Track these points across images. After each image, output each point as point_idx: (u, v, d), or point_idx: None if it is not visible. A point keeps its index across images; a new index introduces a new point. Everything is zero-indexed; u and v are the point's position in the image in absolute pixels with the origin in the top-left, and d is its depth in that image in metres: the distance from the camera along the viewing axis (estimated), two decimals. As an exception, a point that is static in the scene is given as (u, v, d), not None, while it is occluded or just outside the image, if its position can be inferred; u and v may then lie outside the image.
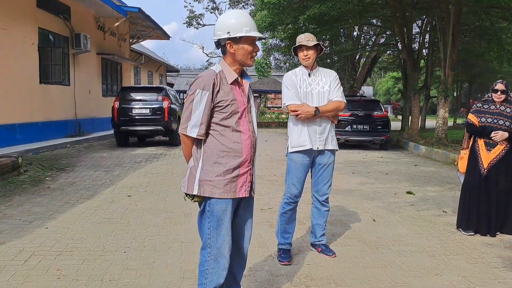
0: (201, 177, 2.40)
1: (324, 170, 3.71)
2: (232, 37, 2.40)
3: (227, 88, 2.42)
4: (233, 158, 2.42)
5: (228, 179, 2.41)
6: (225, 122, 2.41)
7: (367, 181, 7.36)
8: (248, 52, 2.44)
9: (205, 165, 2.41)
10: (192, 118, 2.37)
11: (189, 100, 2.40)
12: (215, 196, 2.39)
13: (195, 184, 2.40)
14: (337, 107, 3.63)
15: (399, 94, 37.58)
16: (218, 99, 2.38)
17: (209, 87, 2.35)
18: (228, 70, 2.46)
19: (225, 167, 2.40)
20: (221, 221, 2.41)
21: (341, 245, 4.06)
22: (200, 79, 2.40)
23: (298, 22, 15.20)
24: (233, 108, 2.41)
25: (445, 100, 13.04)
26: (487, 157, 4.33)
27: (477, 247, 4.02)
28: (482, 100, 4.58)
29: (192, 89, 2.40)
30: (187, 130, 2.39)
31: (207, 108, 2.36)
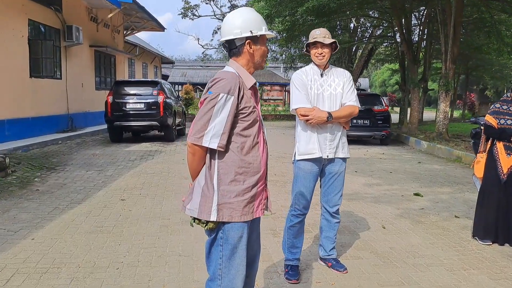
0: (220, 199, 2.07)
1: (335, 179, 3.40)
2: (253, 36, 2.11)
3: (248, 94, 2.12)
4: (252, 174, 2.12)
5: (248, 199, 2.11)
6: (246, 132, 2.10)
7: (372, 181, 7.07)
8: (265, 53, 2.18)
9: (222, 184, 2.08)
10: (211, 126, 2.01)
11: (208, 105, 2.03)
12: (235, 220, 2.08)
13: (213, 209, 2.07)
14: (351, 113, 3.31)
15: (395, 85, 37.38)
16: (242, 105, 2.07)
17: (234, 91, 2.03)
18: (246, 73, 2.16)
19: (243, 185, 2.09)
20: (235, 249, 2.11)
21: (352, 258, 3.77)
22: (224, 81, 2.05)
23: (296, 14, 14.84)
24: (254, 116, 2.12)
25: (446, 94, 12.78)
26: (507, 161, 4.04)
27: (497, 259, 3.75)
28: (500, 100, 4.28)
29: (214, 93, 2.03)
30: (204, 140, 2.02)
31: (231, 115, 2.04)
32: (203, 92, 2.11)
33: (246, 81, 2.12)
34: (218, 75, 2.10)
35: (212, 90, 2.04)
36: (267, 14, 14.72)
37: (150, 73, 27.52)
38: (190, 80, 34.38)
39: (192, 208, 2.13)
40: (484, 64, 24.22)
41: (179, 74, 39.16)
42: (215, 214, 2.06)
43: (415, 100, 15.91)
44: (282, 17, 15.70)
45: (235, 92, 2.02)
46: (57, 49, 13.02)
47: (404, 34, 15.64)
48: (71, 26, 13.17)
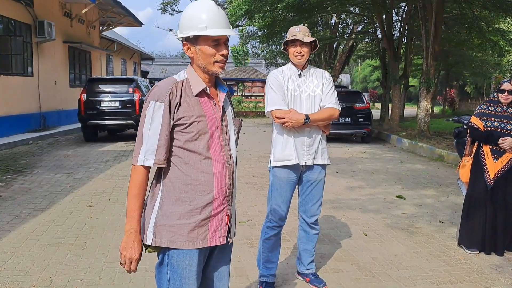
0: (158, 220, 1.80)
1: (313, 187, 3.14)
2: (187, 37, 1.82)
3: (192, 101, 1.81)
4: (201, 193, 1.81)
5: (195, 223, 1.81)
6: (190, 145, 1.80)
7: (354, 183, 6.86)
8: (209, 55, 1.81)
9: (164, 203, 1.81)
10: (145, 140, 1.75)
11: (142, 117, 1.79)
12: (176, 246, 1.79)
13: (148, 231, 1.80)
14: (330, 116, 3.04)
15: (376, 81, 37.51)
16: (180, 114, 1.78)
17: (164, 97, 1.76)
18: (195, 78, 1.85)
19: (190, 206, 1.80)
20: (184, 279, 1.81)
21: (332, 271, 3.52)
22: (156, 88, 1.81)
23: (276, 10, 14.59)
24: (200, 126, 1.80)
25: (427, 91, 12.69)
26: (494, 166, 3.83)
27: (485, 270, 3.54)
28: (486, 101, 4.07)
29: (146, 103, 1.80)
30: (139, 158, 1.75)
31: (165, 125, 1.76)
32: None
33: (193, 86, 1.84)
34: (157, 83, 1.86)
35: (146, 99, 1.82)
36: (246, 9, 14.45)
37: (129, 69, 26.90)
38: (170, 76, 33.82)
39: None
40: (464, 60, 24.36)
41: (159, 70, 38.55)
42: (151, 236, 1.79)
43: (396, 97, 15.82)
44: (262, 13, 15.42)
45: (165, 99, 1.75)
46: (28, 45, 12.47)
47: (385, 31, 15.52)
48: (43, 21, 12.62)
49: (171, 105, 1.77)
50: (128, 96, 11.24)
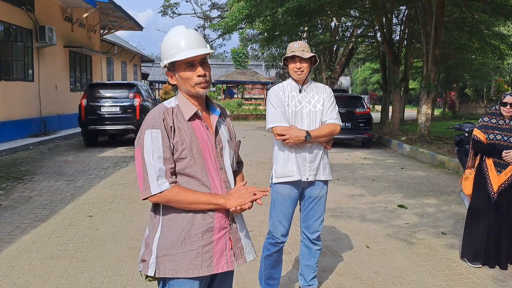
0: (159, 250, 1.77)
1: (315, 203, 3.12)
2: (166, 67, 1.87)
3: (184, 126, 1.81)
4: (202, 217, 1.80)
5: (197, 249, 1.78)
6: (187, 171, 1.80)
7: (355, 191, 6.83)
8: (187, 79, 1.82)
9: (165, 232, 1.79)
10: (151, 169, 1.73)
11: (140, 149, 1.78)
12: (181, 275, 1.77)
13: (151, 262, 1.77)
14: (331, 132, 3.03)
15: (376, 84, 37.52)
16: (174, 140, 1.77)
17: (158, 123, 1.76)
18: (185, 103, 1.86)
19: (191, 231, 1.78)
20: None
21: (335, 286, 3.50)
22: (148, 118, 1.81)
23: (277, 15, 14.57)
24: (194, 151, 1.79)
25: (428, 96, 12.67)
26: (498, 179, 3.81)
27: (488, 285, 3.52)
28: (489, 114, 4.05)
29: (141, 133, 1.79)
30: (152, 188, 1.73)
31: (167, 149, 1.75)
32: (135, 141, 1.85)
33: (184, 111, 1.84)
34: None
35: (140, 132, 1.81)
36: (247, 14, 14.42)
37: (129, 72, 26.91)
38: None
39: (139, 260, 1.87)
40: (464, 63, 24.36)
41: (159, 73, 38.51)
42: (153, 268, 1.77)
43: (396, 100, 15.80)
44: (262, 17, 15.41)
45: (160, 125, 1.76)
46: (28, 51, 12.46)
47: (385, 34, 15.52)
48: (44, 26, 12.61)
49: (167, 130, 1.77)
50: (128, 101, 11.23)
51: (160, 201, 1.76)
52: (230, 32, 18.68)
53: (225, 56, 49.52)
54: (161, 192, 1.73)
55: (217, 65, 43.33)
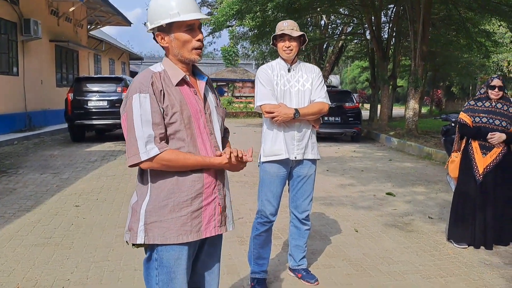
0: (147, 217, 1.74)
1: (304, 183, 3.12)
2: (159, 27, 1.78)
3: (173, 91, 1.77)
4: (191, 184, 1.77)
5: (186, 215, 1.76)
6: (180, 135, 1.76)
7: (344, 181, 6.86)
8: (185, 42, 1.79)
9: (153, 199, 1.75)
10: (139, 134, 1.68)
11: (129, 115, 1.72)
12: (170, 241, 1.74)
13: (139, 230, 1.74)
14: (320, 110, 3.02)
15: (365, 82, 37.77)
16: (164, 104, 1.73)
17: (146, 87, 1.71)
18: (173, 68, 1.81)
19: (180, 198, 1.75)
20: (173, 273, 1.77)
21: (324, 267, 3.50)
22: (135, 82, 1.76)
23: (267, 10, 14.57)
24: (184, 115, 1.76)
25: (416, 91, 12.78)
26: (483, 161, 3.85)
27: (474, 264, 3.55)
28: (475, 98, 4.09)
29: (128, 99, 1.73)
30: (142, 154, 1.68)
31: (156, 114, 1.70)
32: (122, 105, 1.78)
33: (172, 76, 1.80)
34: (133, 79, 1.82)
35: (127, 98, 1.75)
36: (237, 10, 14.41)
37: (118, 69, 26.67)
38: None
39: (125, 231, 1.82)
40: (451, 61, 24.62)
41: (148, 71, 38.21)
42: (142, 235, 1.74)
43: (385, 97, 15.94)
44: (252, 13, 15.40)
45: (148, 89, 1.70)
46: (13, 44, 12.28)
47: (374, 31, 15.63)
48: (29, 19, 12.43)
49: (156, 94, 1.72)
50: (116, 96, 11.12)
51: (148, 167, 1.72)
52: (220, 28, 18.62)
53: (215, 54, 49.41)
54: (149, 158, 1.69)
55: (207, 64, 43.22)
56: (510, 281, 3.24)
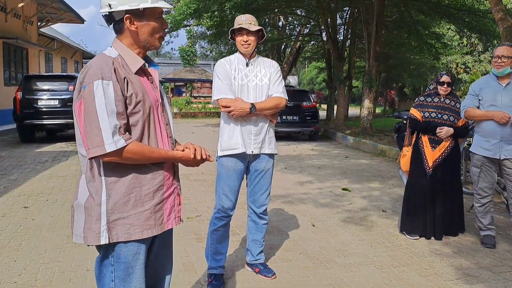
0: (109, 216, 1.64)
1: (261, 177, 3.12)
2: (133, 10, 1.69)
3: (134, 79, 1.69)
4: (152, 176, 1.72)
5: (150, 209, 1.71)
6: (141, 126, 1.69)
7: (302, 178, 6.94)
8: (156, 29, 1.75)
9: (113, 195, 1.65)
10: (105, 123, 1.57)
11: (88, 103, 1.59)
12: (134, 238, 1.68)
13: (101, 230, 1.64)
14: (277, 105, 3.04)
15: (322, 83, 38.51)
16: (129, 92, 1.65)
17: (109, 74, 1.61)
18: (130, 54, 1.73)
19: (143, 191, 1.69)
20: (131, 269, 1.71)
21: (281, 261, 3.52)
22: (93, 68, 1.63)
23: (225, 10, 14.54)
24: (146, 105, 1.70)
25: (370, 90, 13.17)
26: (432, 155, 4.01)
27: (425, 254, 3.69)
28: (424, 94, 4.26)
29: (87, 85, 1.60)
30: (107, 145, 1.57)
31: (118, 102, 1.61)
32: (75, 92, 1.65)
33: (130, 63, 1.71)
34: (88, 62, 1.69)
35: (85, 83, 1.61)
36: (194, 8, 14.28)
37: (70, 68, 25.73)
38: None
39: (77, 232, 1.69)
40: (403, 63, 25.54)
41: (103, 71, 37.17)
42: (106, 235, 1.64)
43: (341, 96, 16.34)
44: (210, 13, 15.32)
45: (112, 76, 1.61)
46: (-45, 40, 11.57)
47: (330, 33, 15.95)
48: (-27, 14, 11.77)
49: (120, 81, 1.63)
50: (68, 94, 10.69)
51: (110, 159, 1.61)
52: (178, 27, 18.40)
53: (172, 54, 48.75)
54: (116, 150, 1.59)
55: (165, 64, 42.58)
56: (459, 269, 3.39)
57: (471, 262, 3.52)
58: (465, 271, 3.35)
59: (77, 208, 1.70)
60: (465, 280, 3.19)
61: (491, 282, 3.15)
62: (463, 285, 3.11)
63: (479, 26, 14.25)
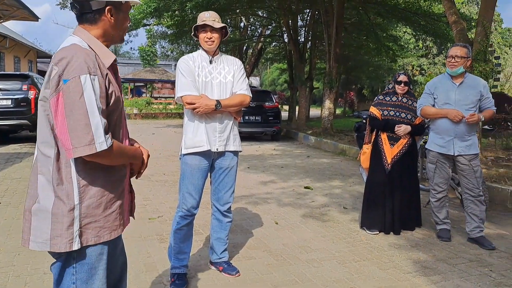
0: (82, 220, 1.57)
1: (225, 175, 3.11)
2: (115, 2, 1.66)
3: (110, 74, 1.64)
4: (120, 176, 1.70)
5: (116, 210, 1.67)
6: (113, 123, 1.65)
7: (265, 177, 6.98)
8: (124, 23, 1.73)
9: (86, 199, 1.57)
10: (95, 121, 1.50)
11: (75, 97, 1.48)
12: (103, 240, 1.63)
13: (75, 235, 1.56)
14: (241, 102, 3.04)
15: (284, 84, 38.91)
16: (110, 88, 1.61)
17: (95, 68, 1.54)
18: (101, 47, 1.66)
19: (112, 193, 1.65)
20: (94, 270, 1.64)
21: (245, 259, 3.53)
22: (75, 60, 1.51)
23: (186, 9, 14.40)
24: (118, 103, 1.66)
25: (330, 91, 13.43)
26: (391, 152, 4.15)
27: (385, 248, 3.81)
28: (383, 93, 4.40)
29: (72, 79, 1.49)
30: (98, 143, 1.50)
31: (103, 99, 1.55)
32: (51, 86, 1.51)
33: (103, 58, 1.64)
34: (63, 53, 1.54)
35: (67, 76, 1.49)
36: (155, 7, 14.07)
37: (24, 68, 24.67)
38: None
39: (40, 240, 1.57)
40: (362, 65, 26.25)
41: (59, 70, 35.88)
42: (78, 240, 1.57)
43: (303, 97, 16.58)
44: (171, 12, 15.13)
45: (97, 70, 1.54)
46: None
47: (291, 34, 16.15)
48: None
49: (103, 77, 1.57)
50: (22, 94, 10.26)
51: (93, 159, 1.53)
52: (137, 26, 18.06)
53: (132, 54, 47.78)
54: (107, 149, 1.52)
55: (124, 64, 41.65)
56: (417, 262, 3.51)
57: (428, 255, 3.66)
58: (422, 263, 3.48)
59: (38, 213, 1.57)
60: (422, 272, 3.31)
61: (447, 273, 3.29)
62: (421, 277, 3.22)
63: (434, 29, 14.86)
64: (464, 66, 3.86)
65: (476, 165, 3.88)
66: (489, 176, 6.23)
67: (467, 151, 3.85)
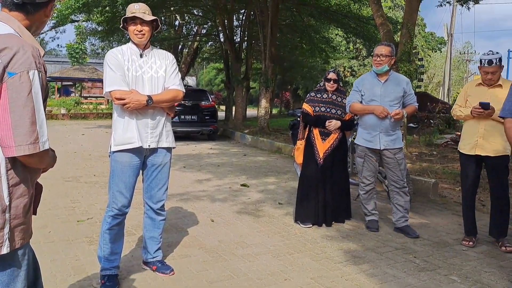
0: (12, 222, 1.48)
1: (158, 172, 3.04)
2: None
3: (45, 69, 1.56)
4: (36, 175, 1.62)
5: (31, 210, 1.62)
6: None
7: (201, 176, 6.92)
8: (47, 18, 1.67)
9: (14, 199, 1.48)
10: (39, 120, 1.43)
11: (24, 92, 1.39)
12: (26, 241, 1.56)
13: (5, 238, 1.46)
14: (174, 97, 2.97)
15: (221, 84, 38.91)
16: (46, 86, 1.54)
17: (40, 64, 1.46)
18: (34, 40, 1.56)
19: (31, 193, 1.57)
20: (17, 272, 1.55)
21: (180, 257, 3.46)
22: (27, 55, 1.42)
23: (117, 5, 13.91)
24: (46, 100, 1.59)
25: (266, 91, 13.63)
26: (323, 146, 4.28)
27: (317, 240, 3.92)
28: (315, 90, 4.53)
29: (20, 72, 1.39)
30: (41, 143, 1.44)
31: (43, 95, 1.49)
32: None
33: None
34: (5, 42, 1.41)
35: (13, 69, 1.39)
36: (83, 2, 13.45)
37: None
38: None
39: None
40: (296, 66, 26.92)
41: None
42: (7, 244, 1.47)
43: (239, 97, 16.67)
44: (101, 8, 14.53)
45: (41, 66, 1.46)
46: None
47: (227, 34, 16.17)
48: None
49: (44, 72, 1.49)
50: None
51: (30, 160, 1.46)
52: (64, 23, 17.19)
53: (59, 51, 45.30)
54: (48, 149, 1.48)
55: (51, 62, 39.37)
56: (347, 252, 3.66)
57: (358, 245, 3.82)
58: (353, 253, 3.62)
59: None
60: (353, 261, 3.45)
61: (375, 261, 3.45)
62: (351, 266, 3.36)
63: (363, 32, 15.59)
64: (389, 64, 4.08)
65: (400, 158, 4.11)
66: (414, 170, 6.65)
67: (392, 145, 4.08)
